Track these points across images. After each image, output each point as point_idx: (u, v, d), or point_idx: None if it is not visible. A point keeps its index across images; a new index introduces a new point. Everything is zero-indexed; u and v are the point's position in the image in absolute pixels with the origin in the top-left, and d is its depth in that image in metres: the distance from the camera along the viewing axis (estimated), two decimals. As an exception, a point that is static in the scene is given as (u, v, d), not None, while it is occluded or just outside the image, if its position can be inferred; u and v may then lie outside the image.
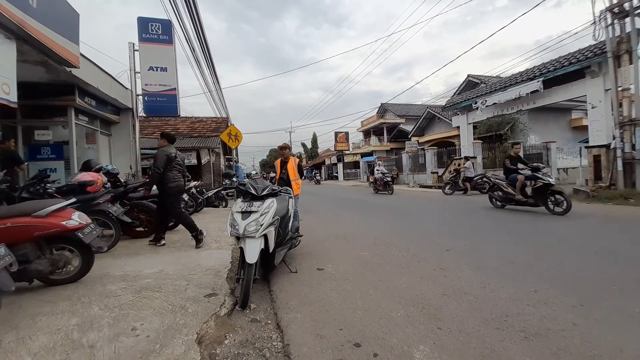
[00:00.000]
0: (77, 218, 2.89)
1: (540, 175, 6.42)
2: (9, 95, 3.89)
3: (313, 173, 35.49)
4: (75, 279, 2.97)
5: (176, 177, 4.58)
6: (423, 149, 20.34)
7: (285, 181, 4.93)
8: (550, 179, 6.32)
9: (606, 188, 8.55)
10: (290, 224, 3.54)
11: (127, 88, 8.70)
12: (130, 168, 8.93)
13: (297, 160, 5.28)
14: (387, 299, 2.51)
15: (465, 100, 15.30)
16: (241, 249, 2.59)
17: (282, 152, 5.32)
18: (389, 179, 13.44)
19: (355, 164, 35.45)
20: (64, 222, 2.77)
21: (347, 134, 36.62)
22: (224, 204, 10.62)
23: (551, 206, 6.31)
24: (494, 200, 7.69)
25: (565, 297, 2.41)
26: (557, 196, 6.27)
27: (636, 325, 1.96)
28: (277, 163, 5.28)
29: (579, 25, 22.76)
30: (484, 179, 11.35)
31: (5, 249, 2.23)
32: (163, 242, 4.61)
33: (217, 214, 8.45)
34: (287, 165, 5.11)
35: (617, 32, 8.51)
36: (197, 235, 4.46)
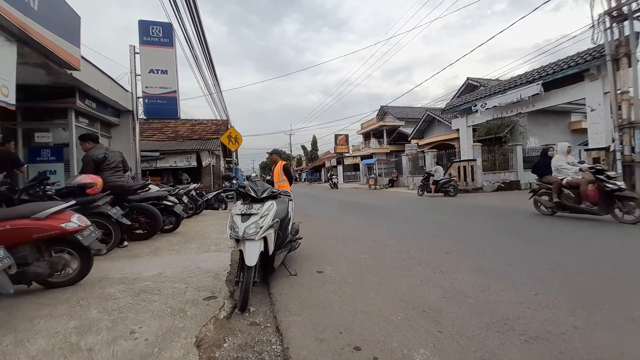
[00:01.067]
0: (76, 220, 2.88)
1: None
2: (8, 98, 3.90)
3: (329, 175, 30.07)
4: (74, 282, 2.95)
5: (109, 179, 4.59)
6: (423, 152, 20.37)
7: (271, 184, 5.07)
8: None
9: (606, 191, 8.54)
10: (290, 227, 3.54)
11: (127, 90, 8.72)
12: (130, 170, 8.91)
13: (284, 163, 5.61)
14: (387, 302, 2.50)
15: (464, 103, 15.34)
16: (240, 251, 2.58)
17: (271, 157, 5.94)
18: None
19: (355, 167, 35.47)
20: (63, 225, 2.76)
21: (347, 136, 36.69)
22: (223, 206, 10.62)
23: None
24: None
25: (565, 300, 2.40)
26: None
27: (637, 328, 1.95)
28: (272, 167, 5.72)
29: (577, 28, 22.96)
30: (450, 184, 12.48)
31: (4, 251, 2.23)
32: (125, 243, 4.59)
33: (216, 217, 8.45)
34: (274, 169, 5.54)
35: (616, 36, 8.55)
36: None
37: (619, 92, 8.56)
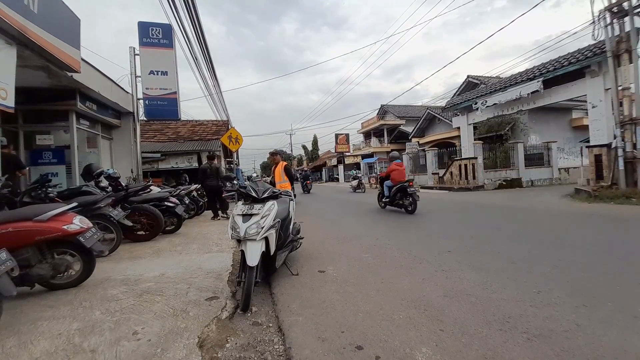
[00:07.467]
0: (78, 222, 2.89)
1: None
2: (6, 100, 3.92)
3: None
4: (76, 283, 2.97)
5: (206, 182, 6.60)
6: (423, 150, 20.34)
7: (273, 185, 5.11)
8: None
9: (608, 187, 8.52)
10: (291, 227, 3.54)
11: (128, 92, 8.74)
12: (132, 172, 8.96)
13: (284, 164, 5.64)
14: (388, 301, 2.50)
15: (465, 101, 15.31)
16: (242, 251, 2.58)
17: (272, 158, 6.03)
18: None
19: (356, 166, 35.45)
20: (65, 227, 2.77)
21: (347, 135, 36.65)
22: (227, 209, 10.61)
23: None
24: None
25: (568, 297, 2.39)
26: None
27: (640, 326, 1.95)
28: (273, 168, 5.78)
29: (578, 25, 22.93)
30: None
31: (6, 253, 2.23)
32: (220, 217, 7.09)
33: (218, 217, 8.44)
34: (275, 169, 5.57)
35: (617, 32, 8.51)
36: None
37: (620, 88, 8.51)
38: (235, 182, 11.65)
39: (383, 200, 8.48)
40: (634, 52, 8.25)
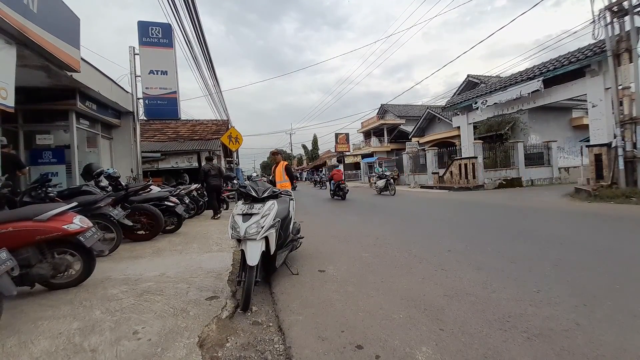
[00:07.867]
0: (79, 222, 2.89)
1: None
2: (6, 100, 3.91)
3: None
4: (76, 283, 2.97)
5: (209, 180, 7.43)
6: (424, 150, 20.34)
7: (273, 184, 5.09)
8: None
9: (608, 187, 8.52)
10: (291, 226, 3.54)
11: (127, 92, 8.74)
12: (132, 171, 8.96)
13: (285, 163, 5.61)
14: (389, 301, 2.50)
15: (465, 101, 15.30)
16: (242, 251, 2.58)
17: (273, 157, 5.98)
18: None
19: (356, 165, 35.43)
20: (65, 226, 2.77)
21: (347, 135, 36.58)
22: (225, 206, 10.62)
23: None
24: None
25: (567, 297, 2.39)
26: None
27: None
28: (273, 168, 5.72)
29: (578, 24, 22.85)
30: None
31: (7, 253, 2.23)
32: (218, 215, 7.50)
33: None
34: (276, 169, 5.51)
35: (617, 31, 8.50)
36: None
37: (620, 87, 8.51)
38: (235, 181, 11.68)
39: (330, 193, 13.34)
40: (634, 52, 8.24)
